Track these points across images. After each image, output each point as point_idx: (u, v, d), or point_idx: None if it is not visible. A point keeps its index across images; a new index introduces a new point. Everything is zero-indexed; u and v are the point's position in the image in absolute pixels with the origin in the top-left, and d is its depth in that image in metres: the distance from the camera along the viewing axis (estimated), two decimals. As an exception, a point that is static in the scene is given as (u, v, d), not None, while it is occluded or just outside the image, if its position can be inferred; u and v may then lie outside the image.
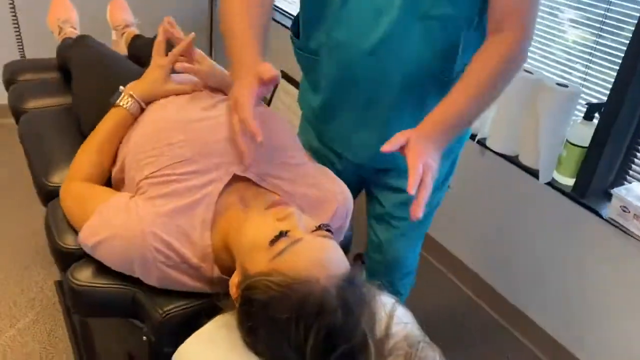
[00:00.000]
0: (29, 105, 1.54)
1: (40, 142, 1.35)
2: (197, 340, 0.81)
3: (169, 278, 0.91)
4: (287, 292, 0.74)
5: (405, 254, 1.42)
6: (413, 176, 0.86)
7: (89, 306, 0.97)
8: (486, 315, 2.17)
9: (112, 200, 0.95)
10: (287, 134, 1.09)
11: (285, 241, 0.79)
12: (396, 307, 0.90)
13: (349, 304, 0.76)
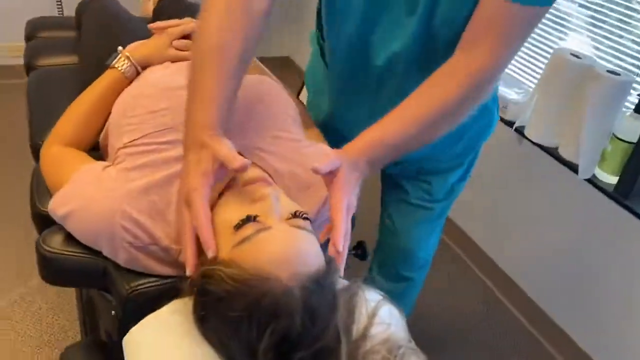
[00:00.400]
0: (41, 62, 1.51)
1: (43, 100, 1.31)
2: (149, 323, 0.74)
3: (136, 260, 0.84)
4: (242, 289, 0.66)
5: (421, 242, 1.35)
6: (339, 231, 0.76)
7: (59, 274, 0.92)
8: (511, 316, 2.04)
9: (85, 168, 0.88)
10: (284, 107, 1.00)
11: (251, 227, 0.70)
12: (381, 305, 0.80)
13: (313, 309, 0.67)
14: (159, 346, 0.71)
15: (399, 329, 0.80)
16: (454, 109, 0.86)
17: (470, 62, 0.86)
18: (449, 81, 0.87)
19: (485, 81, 0.88)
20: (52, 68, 1.47)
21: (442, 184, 1.25)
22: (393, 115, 0.87)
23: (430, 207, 1.29)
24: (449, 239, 2.37)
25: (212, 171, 0.75)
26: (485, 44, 0.86)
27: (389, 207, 1.36)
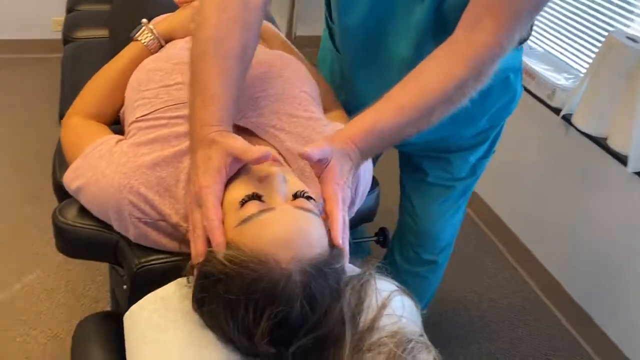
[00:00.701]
0: (77, 34, 1.52)
1: (75, 73, 1.32)
2: (148, 302, 0.73)
3: (144, 235, 0.83)
4: (240, 271, 0.63)
5: (442, 223, 1.32)
6: (337, 225, 0.71)
7: (72, 246, 0.92)
8: (550, 314, 1.96)
9: (99, 142, 0.87)
10: (302, 84, 0.96)
11: (255, 206, 0.67)
12: (394, 296, 0.77)
13: (313, 294, 0.64)
14: (156, 326, 0.70)
15: (411, 322, 0.76)
16: (453, 93, 0.80)
17: (471, 42, 0.80)
18: (448, 64, 0.80)
19: (487, 62, 0.81)
20: (87, 41, 1.48)
21: (463, 162, 1.21)
22: (388, 101, 0.81)
23: (451, 186, 1.25)
24: (488, 229, 2.29)
25: (225, 167, 0.71)
26: (488, 22, 0.79)
27: (408, 189, 1.33)
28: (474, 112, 1.07)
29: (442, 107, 0.80)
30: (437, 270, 1.44)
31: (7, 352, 1.55)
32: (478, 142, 1.18)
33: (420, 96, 0.79)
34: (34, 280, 1.78)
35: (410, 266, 1.42)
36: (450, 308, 1.93)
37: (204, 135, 0.73)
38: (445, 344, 1.79)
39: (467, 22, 0.81)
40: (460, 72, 0.79)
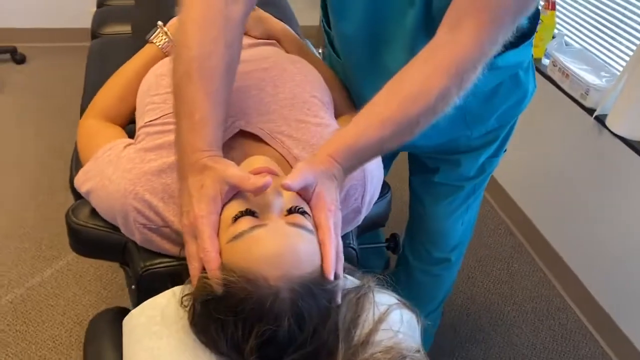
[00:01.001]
0: (104, 30, 1.54)
1: (98, 69, 1.34)
2: (146, 309, 0.75)
3: (149, 240, 0.84)
4: (230, 291, 0.64)
5: (452, 222, 1.30)
6: (328, 257, 0.68)
7: (84, 245, 0.95)
8: (576, 321, 1.91)
9: (108, 146, 0.88)
10: (313, 90, 0.95)
11: (247, 222, 0.66)
12: (392, 310, 0.76)
13: (301, 313, 0.64)
14: (152, 333, 0.71)
15: (408, 337, 0.75)
16: (436, 104, 0.76)
17: (452, 45, 0.76)
18: (430, 73, 0.77)
19: (469, 69, 0.77)
20: (113, 37, 1.50)
21: (472, 162, 1.19)
22: (369, 116, 0.78)
23: (460, 185, 1.23)
24: (518, 231, 2.24)
25: (220, 195, 0.69)
26: (469, 24, 0.75)
27: (416, 189, 1.32)
28: (481, 112, 1.05)
29: (426, 118, 0.77)
30: (451, 268, 1.43)
31: (35, 335, 1.62)
32: (487, 142, 1.15)
33: (402, 109, 0.76)
34: (63, 267, 1.85)
35: (422, 265, 1.42)
36: (472, 309, 1.90)
37: (195, 161, 0.71)
38: (464, 346, 1.77)
39: (448, 24, 0.78)
40: (442, 81, 0.76)
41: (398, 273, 1.52)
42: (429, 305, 1.50)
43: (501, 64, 0.97)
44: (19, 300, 1.71)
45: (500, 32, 0.76)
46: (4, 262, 1.83)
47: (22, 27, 3.06)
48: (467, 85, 0.77)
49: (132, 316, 0.75)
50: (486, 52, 0.77)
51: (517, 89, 1.07)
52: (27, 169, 2.21)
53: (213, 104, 0.75)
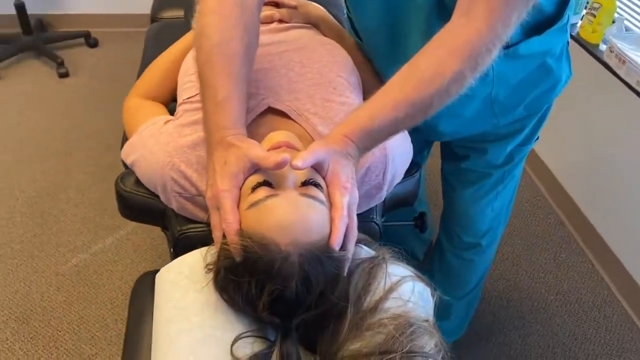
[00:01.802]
0: (163, 14, 1.64)
1: (154, 52, 1.43)
2: (175, 266, 0.82)
3: (184, 208, 0.92)
4: (245, 254, 0.70)
5: (481, 209, 1.31)
6: (335, 232, 0.72)
7: (130, 210, 1.04)
8: (622, 313, 1.86)
9: (151, 122, 0.96)
10: (340, 70, 0.99)
11: (263, 192, 0.72)
12: (405, 281, 0.80)
13: (308, 276, 0.69)
14: (179, 287, 0.79)
15: (419, 307, 0.78)
16: (450, 87, 0.78)
17: (465, 30, 0.77)
18: (443, 56, 0.78)
19: (483, 52, 0.77)
20: (168, 21, 1.60)
21: (499, 151, 1.19)
22: (384, 97, 0.80)
23: (487, 173, 1.24)
24: (568, 221, 2.19)
25: (242, 171, 0.74)
26: (481, 7, 0.76)
27: (447, 175, 1.35)
28: (508, 100, 1.05)
29: (439, 100, 0.79)
30: (483, 254, 1.43)
31: (95, 297, 1.77)
32: (515, 130, 1.15)
33: (416, 92, 0.78)
34: (124, 236, 1.99)
35: (454, 249, 1.44)
36: (514, 296, 1.89)
37: (221, 138, 0.77)
38: (502, 331, 1.77)
39: (461, 8, 0.79)
40: (456, 64, 0.77)
41: (433, 256, 1.55)
42: (462, 289, 1.52)
43: (524, 52, 0.96)
44: (82, 265, 1.86)
45: (512, 13, 0.77)
46: (71, 228, 1.99)
47: (96, 12, 3.24)
48: (481, 68, 0.78)
49: (162, 272, 0.83)
50: (499, 35, 0.77)
51: (547, 77, 1.06)
52: (93, 146, 2.38)
53: (235, 84, 0.81)
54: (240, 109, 0.81)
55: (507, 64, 0.79)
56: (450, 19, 0.80)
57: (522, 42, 0.95)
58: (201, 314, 0.76)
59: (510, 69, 0.82)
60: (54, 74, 2.83)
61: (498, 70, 0.95)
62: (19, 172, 2.21)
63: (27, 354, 1.59)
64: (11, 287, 1.77)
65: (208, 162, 0.80)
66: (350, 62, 1.04)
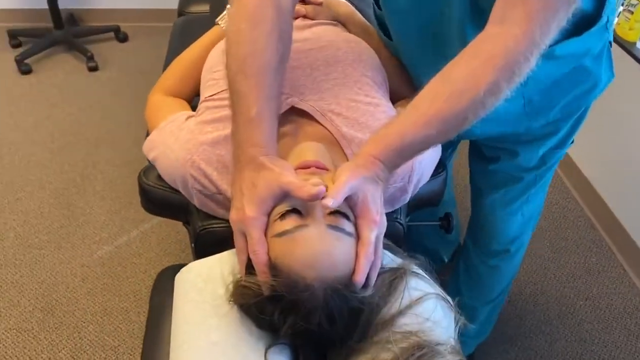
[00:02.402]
0: (190, 9, 1.64)
1: (179, 46, 1.43)
2: (195, 267, 0.82)
3: (206, 205, 0.92)
4: (273, 284, 0.69)
5: (509, 214, 1.26)
6: (360, 269, 0.69)
7: (152, 204, 1.04)
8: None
9: (171, 118, 0.95)
10: (365, 69, 0.97)
11: (292, 221, 0.70)
12: (427, 298, 0.76)
13: (332, 312, 0.68)
14: (198, 288, 0.78)
15: (439, 327, 0.74)
16: (485, 99, 0.72)
17: (501, 38, 0.72)
18: (477, 67, 0.73)
19: (520, 61, 0.72)
20: (194, 15, 1.59)
21: (531, 153, 1.14)
22: (414, 112, 0.75)
23: (518, 176, 1.19)
24: (600, 224, 2.13)
25: (271, 197, 0.71)
26: (518, 12, 0.71)
27: (475, 177, 1.30)
28: (543, 103, 1.00)
29: (474, 114, 0.74)
30: (510, 260, 1.39)
31: (119, 288, 1.78)
32: (549, 133, 1.10)
33: (448, 106, 0.73)
34: (149, 229, 2.00)
35: (480, 255, 1.40)
36: (541, 300, 1.84)
37: (252, 157, 0.74)
38: (528, 336, 1.73)
39: (496, 14, 0.74)
40: (491, 75, 0.72)
41: (458, 260, 1.52)
42: (487, 295, 1.47)
43: (560, 53, 0.91)
44: (107, 256, 1.88)
45: (553, 20, 0.71)
46: (97, 220, 2.01)
47: (126, 7, 3.28)
48: (518, 78, 0.74)
49: (182, 272, 0.83)
50: (538, 43, 0.72)
51: (584, 79, 1.00)
52: (121, 139, 2.40)
53: (267, 99, 0.78)
54: (273, 126, 0.78)
55: (542, 65, 0.75)
56: (485, 27, 0.75)
57: (558, 44, 0.89)
58: (219, 316, 0.75)
59: (544, 69, 0.77)
60: (84, 67, 2.87)
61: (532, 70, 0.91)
62: (48, 164, 2.25)
63: (52, 343, 1.61)
64: (37, 277, 1.79)
65: (235, 178, 0.77)
66: (376, 60, 1.01)
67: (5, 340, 1.60)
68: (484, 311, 1.51)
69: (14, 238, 1.92)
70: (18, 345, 1.59)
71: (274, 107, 0.79)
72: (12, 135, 2.39)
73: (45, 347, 1.60)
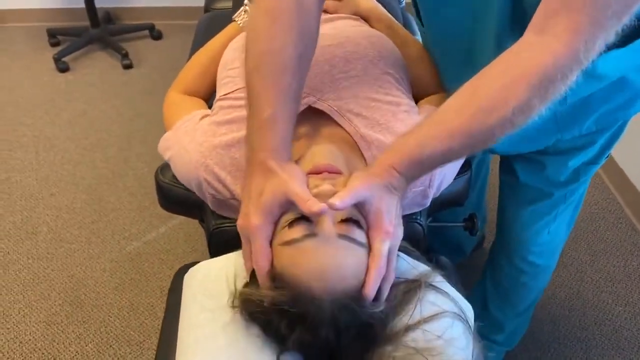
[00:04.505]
0: (216, 5, 1.63)
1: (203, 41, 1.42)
2: (204, 268, 0.80)
3: (220, 209, 0.90)
4: (277, 296, 0.66)
5: (536, 230, 1.18)
6: (370, 283, 0.65)
7: (169, 202, 1.03)
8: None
9: (187, 118, 0.93)
10: (386, 66, 0.93)
11: (300, 229, 0.67)
12: (444, 316, 0.72)
13: (339, 324, 0.65)
14: (204, 289, 0.77)
15: (450, 346, 0.69)
16: (513, 117, 0.67)
17: (538, 51, 0.65)
18: (509, 82, 0.67)
19: (556, 79, 0.65)
20: (219, 11, 1.59)
21: (560, 166, 1.06)
22: (437, 125, 0.70)
23: (547, 192, 1.10)
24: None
25: (278, 207, 0.69)
26: (561, 23, 0.63)
27: (503, 187, 1.22)
28: (575, 114, 0.92)
29: (502, 131, 0.69)
30: (536, 278, 1.31)
31: (146, 284, 1.80)
32: (582, 145, 1.02)
33: (475, 120, 0.68)
34: (176, 226, 2.01)
35: (506, 270, 1.32)
36: (577, 305, 1.77)
37: (262, 160, 0.71)
38: (562, 342, 1.66)
39: (537, 24, 0.67)
40: (523, 92, 0.65)
41: (485, 271, 1.45)
42: (514, 309, 1.41)
43: (602, 72, 0.82)
44: (135, 252, 1.90)
45: (599, 35, 0.63)
46: (127, 216, 2.04)
47: (160, 5, 3.31)
48: (553, 96, 0.67)
49: (191, 272, 0.82)
50: (580, 61, 0.65)
51: (623, 90, 0.92)
52: (152, 136, 2.43)
53: (283, 100, 0.74)
54: (287, 129, 0.74)
55: (581, 82, 0.68)
56: (522, 36, 0.69)
57: (600, 58, 0.82)
58: (226, 320, 0.73)
59: (583, 87, 0.71)
60: (119, 65, 2.91)
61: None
62: (81, 160, 2.29)
63: (80, 337, 1.63)
64: (68, 272, 1.83)
65: (245, 182, 0.75)
66: (398, 56, 0.97)
67: (35, 333, 1.64)
68: (512, 323, 1.45)
69: (46, 232, 1.96)
70: (47, 338, 1.63)
71: (290, 108, 0.75)
72: (48, 131, 2.44)
73: (73, 341, 1.62)
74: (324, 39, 0.96)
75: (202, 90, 1.05)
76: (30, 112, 2.55)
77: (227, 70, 0.95)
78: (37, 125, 2.48)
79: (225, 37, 1.07)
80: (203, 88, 1.04)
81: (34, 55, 2.98)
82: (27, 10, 3.24)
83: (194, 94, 1.04)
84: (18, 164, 2.26)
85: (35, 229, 1.98)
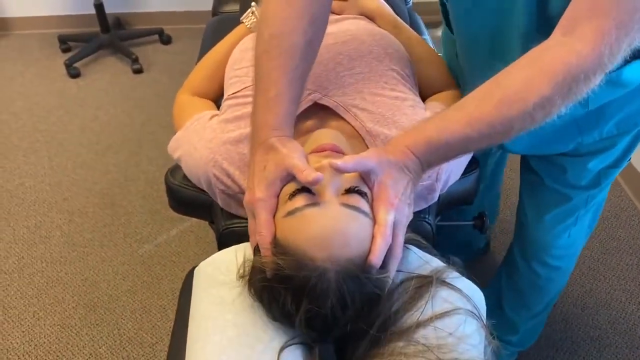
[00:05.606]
0: (224, 8, 1.64)
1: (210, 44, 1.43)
2: (213, 261, 0.81)
3: (228, 204, 0.91)
4: (279, 269, 0.66)
5: (555, 234, 1.17)
6: (376, 250, 0.65)
7: (179, 203, 1.04)
8: None
9: (196, 117, 0.95)
10: (391, 62, 0.94)
11: (302, 199, 0.67)
12: (457, 313, 0.71)
13: (344, 294, 0.64)
14: (216, 282, 0.78)
15: (462, 343, 0.68)
16: (534, 112, 0.67)
17: (564, 51, 0.66)
18: (533, 77, 0.68)
19: (579, 80, 0.66)
20: (226, 15, 1.60)
21: (580, 169, 1.04)
22: (458, 111, 0.71)
23: (567, 195, 1.09)
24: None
25: (279, 179, 0.70)
26: (588, 26, 0.65)
27: (523, 189, 1.21)
28: (596, 116, 0.92)
29: (521, 125, 0.70)
30: (552, 281, 1.31)
31: (158, 287, 1.81)
32: (602, 148, 1.01)
33: (495, 111, 0.68)
34: (187, 228, 2.03)
35: (523, 271, 1.31)
36: (589, 303, 1.75)
37: (264, 139, 0.73)
38: (575, 341, 1.64)
39: (564, 25, 0.68)
40: (546, 88, 0.66)
41: (500, 271, 1.44)
42: (529, 310, 1.40)
43: (627, 79, 0.83)
44: (147, 255, 1.92)
45: (624, 39, 0.64)
46: (139, 219, 2.05)
47: (169, 10, 3.34)
48: (575, 96, 0.68)
49: (201, 266, 0.83)
50: (604, 62, 0.66)
51: None
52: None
53: (289, 81, 0.76)
54: (290, 108, 0.76)
55: (604, 87, 0.69)
56: (550, 36, 0.70)
57: (626, 66, 0.81)
58: (236, 312, 0.73)
59: (606, 92, 0.72)
60: (129, 70, 2.93)
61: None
62: (93, 164, 2.31)
63: (93, 339, 1.65)
64: (81, 275, 1.85)
65: (250, 161, 0.77)
66: (404, 54, 0.98)
67: (49, 336, 1.66)
68: (526, 325, 1.44)
69: (59, 236, 1.99)
70: (62, 341, 1.64)
71: (294, 91, 0.77)
72: (60, 137, 2.47)
73: (87, 343, 1.64)
74: (329, 38, 0.97)
75: (211, 92, 1.06)
76: (44, 118, 2.58)
77: (234, 70, 0.96)
78: (50, 131, 2.51)
79: (233, 39, 1.09)
80: (212, 89, 1.06)
81: (46, 61, 3.01)
82: (39, 17, 3.28)
83: (203, 95, 1.06)
84: (31, 169, 2.28)
85: (48, 233, 2.00)
